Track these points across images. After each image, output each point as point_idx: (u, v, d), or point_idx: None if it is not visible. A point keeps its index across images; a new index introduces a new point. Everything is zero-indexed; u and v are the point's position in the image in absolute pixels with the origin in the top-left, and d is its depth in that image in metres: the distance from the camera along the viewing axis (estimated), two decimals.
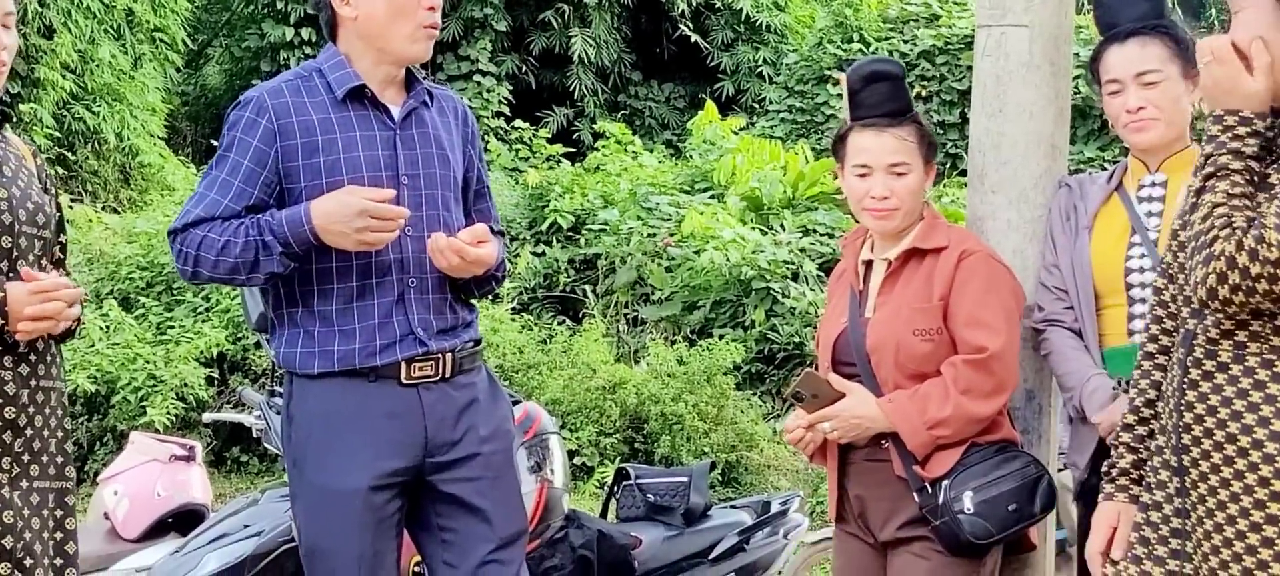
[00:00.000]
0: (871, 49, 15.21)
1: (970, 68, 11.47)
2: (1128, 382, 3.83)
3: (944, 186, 12.39)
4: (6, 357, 3.60)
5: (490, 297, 4.18)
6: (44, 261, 3.76)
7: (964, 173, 11.16)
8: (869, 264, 4.14)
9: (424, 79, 4.12)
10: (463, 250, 3.81)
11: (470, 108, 4.23)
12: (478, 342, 4.13)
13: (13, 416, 3.61)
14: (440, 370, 3.95)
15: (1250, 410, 2.89)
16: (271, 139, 3.82)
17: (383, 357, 3.87)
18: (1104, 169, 4.46)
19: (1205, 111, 3.18)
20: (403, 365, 3.89)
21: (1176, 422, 3.03)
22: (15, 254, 3.64)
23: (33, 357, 3.67)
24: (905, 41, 15.23)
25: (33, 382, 3.67)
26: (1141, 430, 3.26)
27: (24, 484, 3.64)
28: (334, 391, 3.89)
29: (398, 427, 3.89)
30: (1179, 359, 3.06)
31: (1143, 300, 3.90)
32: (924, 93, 14.68)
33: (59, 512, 3.76)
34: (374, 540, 3.89)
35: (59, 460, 3.77)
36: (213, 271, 3.83)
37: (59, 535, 3.77)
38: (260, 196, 3.83)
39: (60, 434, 3.78)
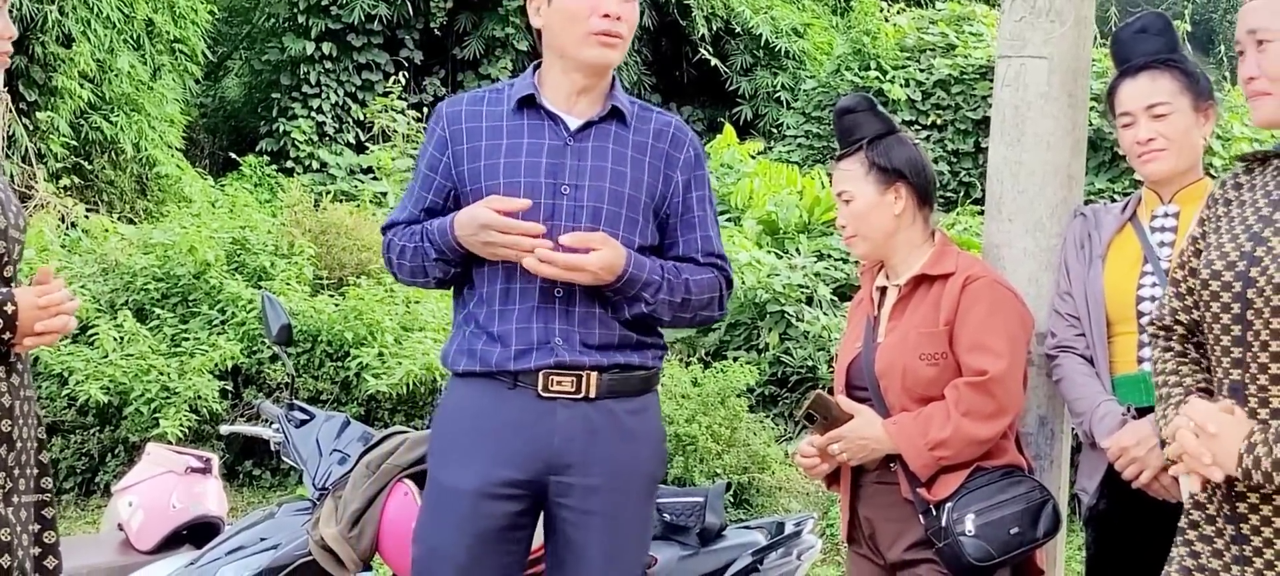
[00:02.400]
0: (888, 77, 15.22)
1: (985, 97, 11.39)
2: (1138, 410, 3.93)
3: (958, 214, 12.38)
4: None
5: (647, 324, 3.93)
6: (17, 265, 3.70)
7: (978, 201, 11.17)
8: (883, 290, 4.20)
9: (636, 99, 4.12)
10: (551, 258, 3.72)
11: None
12: (648, 370, 4.03)
13: (8, 430, 3.57)
14: (583, 388, 3.88)
15: None
16: (444, 146, 3.96)
17: (519, 363, 3.84)
18: (1115, 200, 4.50)
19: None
20: (541, 375, 3.85)
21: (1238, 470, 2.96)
22: (5, 259, 3.60)
23: (20, 367, 3.63)
24: (921, 70, 15.23)
25: (21, 393, 3.63)
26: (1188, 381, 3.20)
27: (15, 499, 3.60)
28: (473, 391, 3.92)
29: (523, 438, 3.85)
30: None
31: None
32: (939, 121, 14.67)
33: (36, 527, 3.71)
34: (473, 546, 3.86)
35: (35, 472, 3.71)
36: (401, 273, 4.05)
37: (36, 550, 3.71)
38: (434, 200, 3.98)
39: (35, 444, 3.72)
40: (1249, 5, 3.09)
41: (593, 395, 3.87)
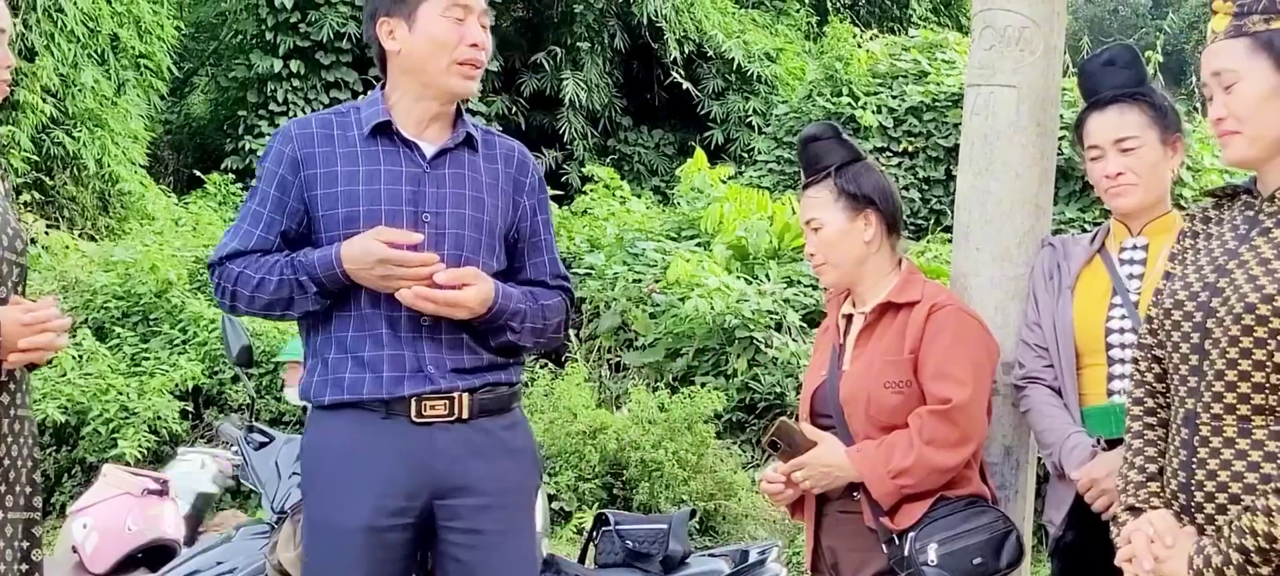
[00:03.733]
0: (860, 103, 15.25)
1: (957, 125, 11.38)
2: (1108, 441, 3.93)
3: (929, 242, 12.41)
4: None
5: (512, 351, 4.01)
6: (19, 287, 3.70)
7: (948, 229, 11.16)
8: (849, 317, 4.19)
9: (481, 124, 4.12)
10: (430, 295, 3.74)
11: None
12: (510, 387, 4.04)
13: None
14: (455, 410, 3.86)
15: (1264, 481, 2.92)
16: (295, 168, 3.84)
17: (391, 390, 3.81)
18: (1085, 230, 4.50)
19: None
20: (413, 402, 3.82)
21: (1188, 501, 3.07)
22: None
23: (12, 386, 3.62)
24: (893, 97, 15.26)
25: (13, 412, 3.62)
26: (1151, 467, 3.24)
27: (2, 515, 3.59)
28: (345, 423, 3.85)
29: (406, 466, 3.82)
30: (1184, 439, 3.09)
31: (1123, 360, 3.96)
32: (911, 148, 14.69)
33: (25, 544, 3.69)
34: None
35: (28, 491, 3.70)
36: (249, 307, 3.89)
37: (23, 567, 3.69)
38: (288, 225, 3.86)
39: (30, 464, 3.72)
40: (1211, 48, 3.15)
41: (466, 416, 3.88)
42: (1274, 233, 3.03)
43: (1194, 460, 3.05)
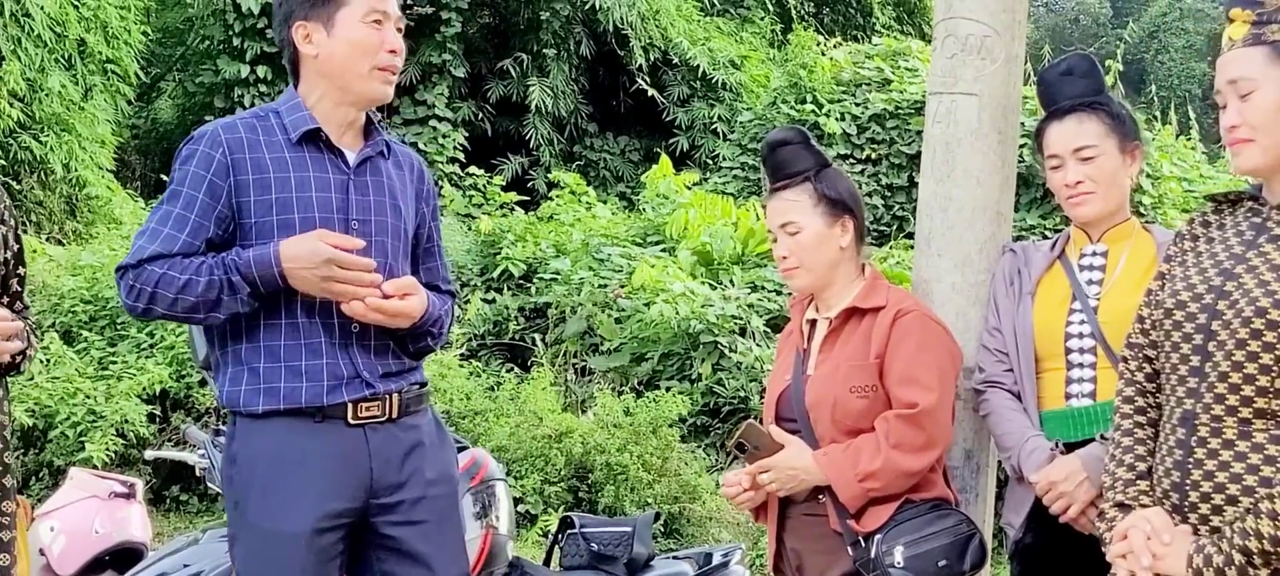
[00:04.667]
0: (824, 110, 15.26)
1: (920, 132, 11.49)
2: (1066, 445, 3.96)
3: (891, 248, 12.44)
4: None
5: (424, 354, 4.09)
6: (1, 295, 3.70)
7: (911, 235, 11.21)
8: (814, 322, 4.21)
9: (384, 129, 4.12)
10: (382, 307, 3.78)
11: (424, 153, 4.23)
12: (423, 385, 4.10)
13: None
14: (387, 410, 3.91)
15: (1263, 484, 2.95)
16: (225, 173, 3.78)
17: (330, 398, 3.82)
18: (1046, 236, 4.53)
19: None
20: (349, 405, 3.85)
21: (1182, 501, 3.09)
22: None
23: None
24: (857, 104, 15.28)
25: None
26: (1141, 465, 3.27)
27: None
28: (279, 431, 3.83)
29: (343, 468, 3.84)
30: (1180, 439, 3.12)
31: (1081, 365, 4.00)
32: (873, 155, 14.73)
33: None
34: None
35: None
36: (169, 309, 3.77)
37: None
38: (215, 231, 3.79)
39: (1, 469, 3.71)
40: (1227, 56, 3.14)
41: (395, 415, 3.94)
42: None
43: (1190, 460, 3.07)
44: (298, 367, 3.82)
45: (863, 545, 3.94)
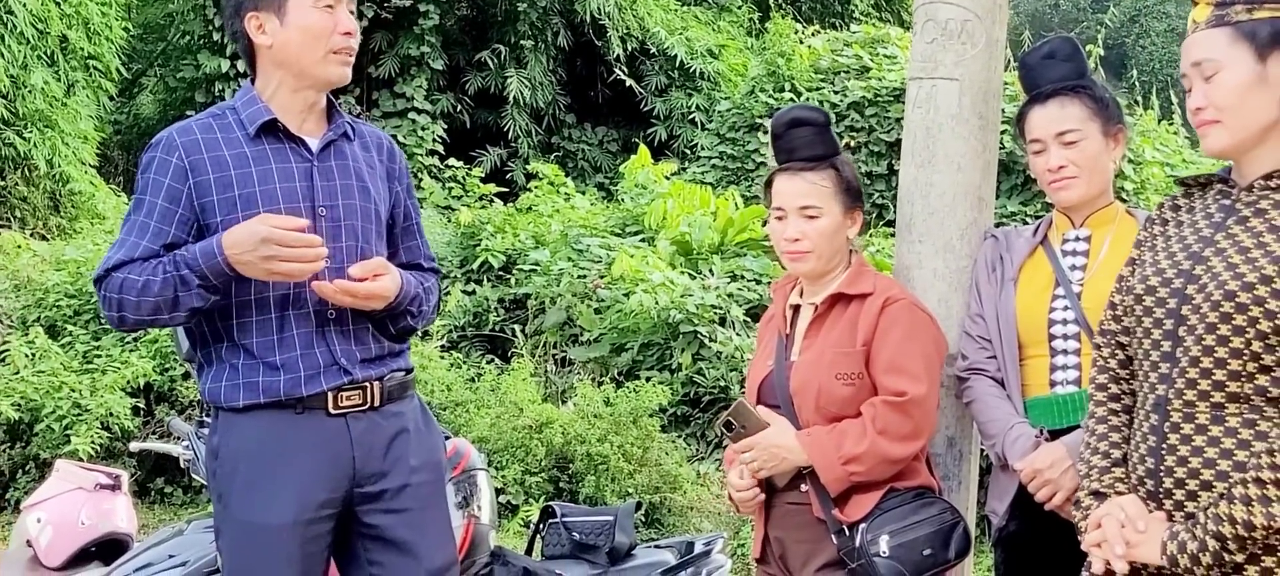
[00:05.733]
0: (803, 98, 15.22)
1: (899, 119, 11.43)
2: (1051, 432, 3.95)
3: (871, 236, 12.43)
4: None
5: (408, 335, 4.11)
6: None
7: (891, 223, 11.27)
8: (797, 308, 4.19)
9: (349, 114, 4.11)
10: (351, 288, 3.78)
11: (404, 145, 4.25)
12: (408, 371, 4.10)
13: None
14: (368, 399, 3.92)
15: (1237, 469, 2.96)
16: (183, 176, 3.80)
17: (309, 388, 3.83)
18: (1027, 223, 4.54)
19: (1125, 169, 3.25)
20: (330, 395, 3.86)
21: (1156, 487, 3.10)
22: None
23: None
24: (836, 92, 15.24)
25: None
26: (1116, 453, 3.28)
27: None
28: (261, 424, 3.85)
29: (326, 458, 3.85)
30: (1153, 425, 3.12)
31: (1065, 352, 3.98)
32: (853, 143, 14.73)
33: None
34: (301, 575, 3.86)
35: None
36: (137, 314, 3.78)
37: None
38: (177, 234, 3.79)
39: None
40: (1192, 38, 3.15)
41: (378, 404, 3.95)
42: (1252, 222, 3.06)
43: (1164, 446, 3.07)
44: (274, 361, 3.83)
45: (847, 534, 3.92)
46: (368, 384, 3.93)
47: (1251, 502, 2.88)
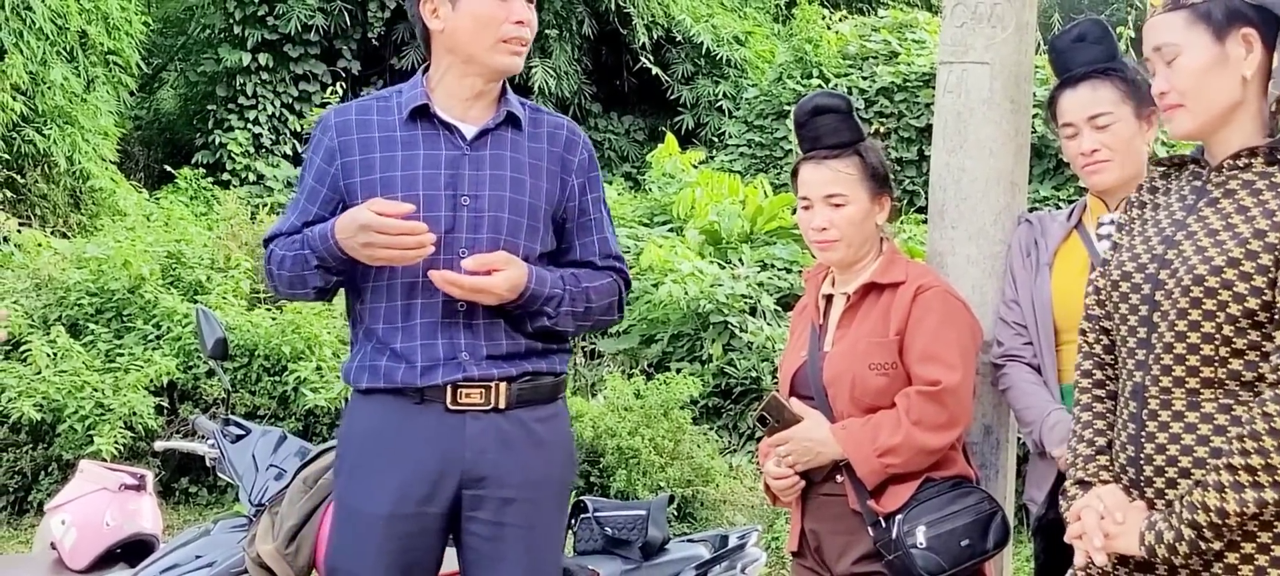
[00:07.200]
0: (831, 85, 15.22)
1: (928, 105, 11.36)
2: None
3: (902, 223, 12.40)
4: None
5: (553, 337, 3.99)
6: None
7: (922, 210, 11.18)
8: (830, 298, 4.16)
9: (530, 102, 4.09)
10: (456, 281, 3.70)
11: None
12: (556, 376, 3.99)
13: None
14: (492, 399, 3.83)
15: (1214, 455, 2.95)
16: (331, 157, 3.86)
17: (425, 379, 3.79)
18: (1060, 207, 4.49)
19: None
20: (448, 389, 3.80)
21: (1137, 475, 3.09)
22: None
23: None
24: (864, 78, 15.24)
25: None
26: (1100, 441, 3.26)
27: None
28: (380, 409, 3.85)
29: (435, 454, 3.80)
30: (1132, 412, 3.12)
31: None
32: (882, 129, 14.69)
33: None
34: (391, 568, 3.82)
35: None
36: (282, 285, 3.91)
37: None
38: (320, 213, 3.85)
39: None
40: (1150, 22, 3.16)
41: (502, 405, 3.85)
42: (1221, 203, 3.05)
43: (1143, 434, 3.07)
44: (397, 347, 3.81)
45: (883, 525, 3.89)
46: (492, 384, 3.84)
47: (1224, 489, 2.88)
